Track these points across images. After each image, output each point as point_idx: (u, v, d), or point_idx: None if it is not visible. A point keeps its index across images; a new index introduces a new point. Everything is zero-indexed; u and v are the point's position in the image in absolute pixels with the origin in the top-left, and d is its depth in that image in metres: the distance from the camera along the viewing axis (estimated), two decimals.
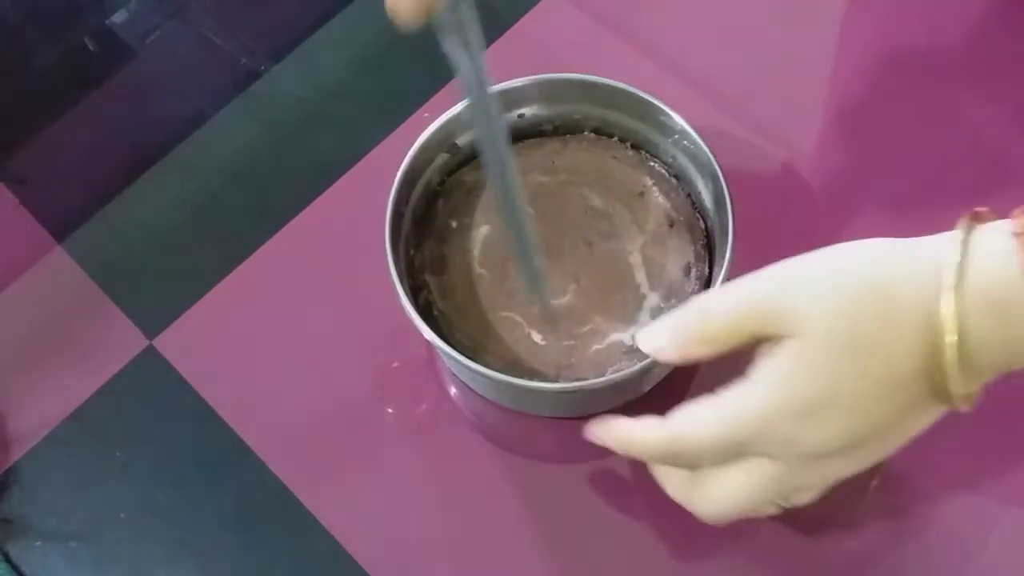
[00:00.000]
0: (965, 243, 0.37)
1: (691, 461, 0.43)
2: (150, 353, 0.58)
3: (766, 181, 0.61)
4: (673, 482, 0.45)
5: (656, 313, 0.52)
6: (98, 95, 0.67)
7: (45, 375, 0.58)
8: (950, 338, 0.37)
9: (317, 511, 0.54)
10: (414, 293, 0.52)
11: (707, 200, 0.54)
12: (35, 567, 0.54)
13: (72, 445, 0.56)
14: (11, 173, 0.65)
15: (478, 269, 0.53)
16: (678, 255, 0.54)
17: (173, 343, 0.58)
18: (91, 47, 0.70)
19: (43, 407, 0.57)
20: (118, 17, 0.70)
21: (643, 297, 0.52)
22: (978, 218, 0.39)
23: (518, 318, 0.52)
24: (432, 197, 0.56)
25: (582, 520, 0.53)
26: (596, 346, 0.51)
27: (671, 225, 0.54)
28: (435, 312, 0.52)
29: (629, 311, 0.52)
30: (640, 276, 0.53)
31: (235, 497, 0.55)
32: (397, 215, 0.52)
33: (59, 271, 0.61)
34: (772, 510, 0.44)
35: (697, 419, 0.41)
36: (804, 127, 0.63)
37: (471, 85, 0.43)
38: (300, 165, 0.63)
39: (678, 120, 0.53)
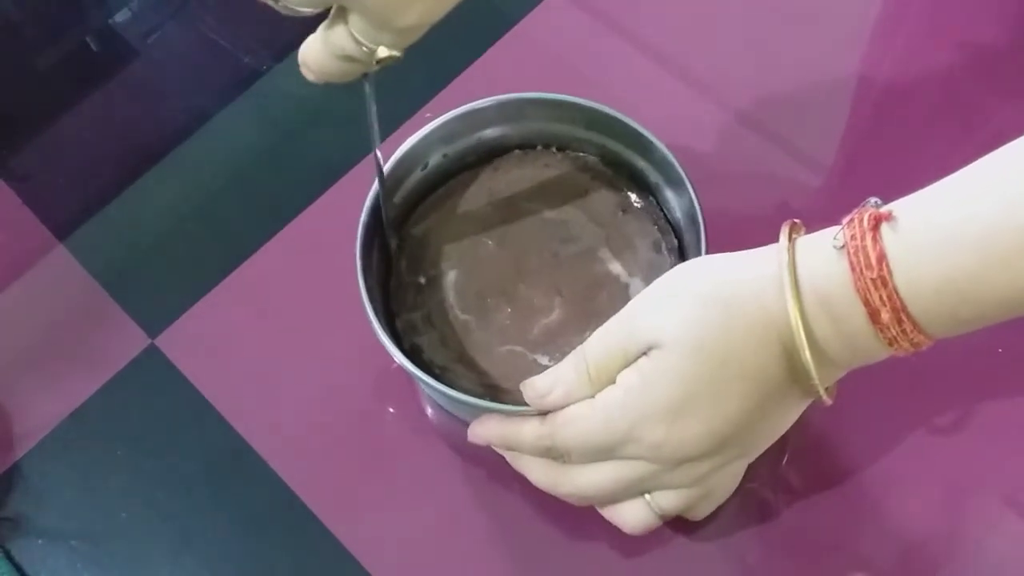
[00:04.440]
0: (792, 253, 0.41)
1: (564, 458, 0.46)
2: (152, 352, 0.58)
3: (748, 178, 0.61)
4: (537, 468, 0.48)
5: None
6: (100, 94, 0.67)
7: (47, 374, 0.58)
8: (799, 338, 0.40)
9: (319, 510, 0.54)
10: (410, 357, 0.51)
11: (652, 176, 0.54)
12: (37, 566, 0.54)
13: (74, 444, 0.56)
14: (13, 172, 0.65)
15: (461, 316, 0.53)
16: (643, 236, 0.54)
17: (175, 342, 0.58)
18: (93, 46, 0.70)
19: (45, 406, 0.57)
20: (120, 16, 0.70)
21: (626, 286, 0.53)
22: (795, 228, 0.42)
23: (518, 348, 0.52)
24: (388, 261, 0.55)
25: (585, 519, 0.53)
26: None
27: (624, 211, 0.54)
28: (437, 370, 0.51)
29: (617, 304, 0.52)
30: (616, 268, 0.53)
31: (236, 496, 0.55)
32: (372, 298, 0.50)
33: (61, 270, 0.61)
34: (646, 515, 0.47)
35: (575, 421, 0.45)
36: (808, 128, 0.63)
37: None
38: (303, 164, 0.63)
39: (592, 106, 0.53)
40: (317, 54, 0.46)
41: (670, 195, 0.54)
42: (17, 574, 0.53)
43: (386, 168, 0.52)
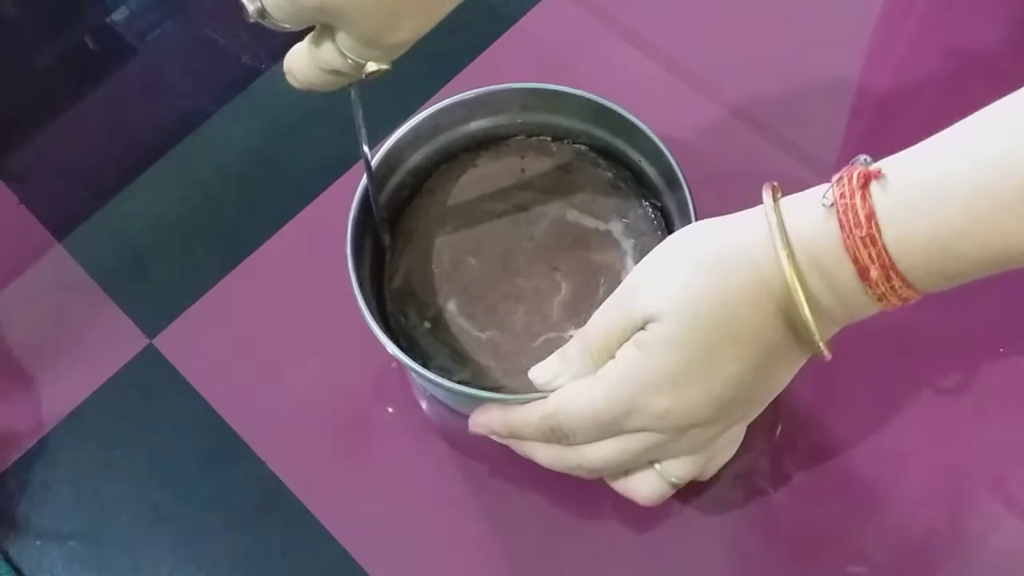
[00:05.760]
0: (778, 213, 0.41)
1: (569, 438, 0.46)
2: (150, 352, 0.58)
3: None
4: (544, 447, 0.48)
5: (634, 233, 0.53)
6: (98, 93, 0.67)
7: (45, 374, 0.58)
8: (797, 295, 0.40)
9: (317, 510, 0.54)
10: None
11: (584, 128, 0.55)
12: (34, 567, 0.54)
13: (72, 444, 0.56)
14: (11, 171, 0.65)
15: (483, 336, 0.52)
16: (597, 181, 0.55)
17: (173, 342, 0.58)
18: (91, 45, 0.70)
19: (43, 406, 0.57)
20: (119, 15, 0.70)
21: (608, 233, 0.53)
22: (776, 190, 0.42)
23: (551, 334, 0.52)
24: (381, 309, 0.54)
25: (587, 517, 0.53)
26: None
27: (567, 171, 0.55)
28: (492, 391, 0.51)
29: (610, 252, 0.52)
30: (590, 221, 0.54)
31: (235, 496, 0.55)
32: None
33: (59, 270, 0.61)
34: (659, 485, 0.47)
35: (578, 397, 0.45)
36: (809, 127, 0.63)
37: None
38: (301, 163, 0.63)
39: (500, 88, 0.54)
40: (303, 65, 0.46)
41: (643, 162, 0.54)
42: (15, 575, 0.53)
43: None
